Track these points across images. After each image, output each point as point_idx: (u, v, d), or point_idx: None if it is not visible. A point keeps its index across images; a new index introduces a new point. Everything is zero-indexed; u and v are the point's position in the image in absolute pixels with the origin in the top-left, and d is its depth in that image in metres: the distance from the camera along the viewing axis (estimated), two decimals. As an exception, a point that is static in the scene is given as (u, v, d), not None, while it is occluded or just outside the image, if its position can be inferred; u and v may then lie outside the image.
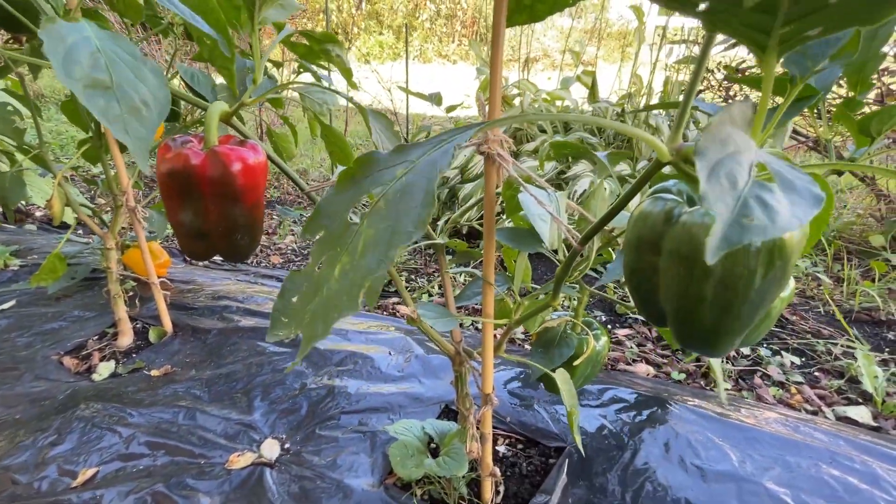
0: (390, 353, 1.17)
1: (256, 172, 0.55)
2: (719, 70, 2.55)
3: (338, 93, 0.77)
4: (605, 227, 0.64)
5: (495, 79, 0.56)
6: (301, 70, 1.28)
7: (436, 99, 1.95)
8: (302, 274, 0.33)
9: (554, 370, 0.70)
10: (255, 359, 1.16)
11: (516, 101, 2.37)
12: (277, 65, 1.39)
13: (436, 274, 2.02)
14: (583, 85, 2.24)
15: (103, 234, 1.25)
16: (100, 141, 1.18)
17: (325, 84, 1.26)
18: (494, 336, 0.69)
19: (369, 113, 0.59)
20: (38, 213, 2.48)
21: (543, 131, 2.27)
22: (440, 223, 2.23)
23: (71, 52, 0.37)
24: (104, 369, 1.15)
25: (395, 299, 1.76)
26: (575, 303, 0.76)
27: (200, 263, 2.16)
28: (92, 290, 1.60)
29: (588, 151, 0.68)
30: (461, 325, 1.54)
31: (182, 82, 0.93)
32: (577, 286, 0.77)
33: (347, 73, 0.80)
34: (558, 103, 2.52)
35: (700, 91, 2.34)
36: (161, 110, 0.42)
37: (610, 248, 0.71)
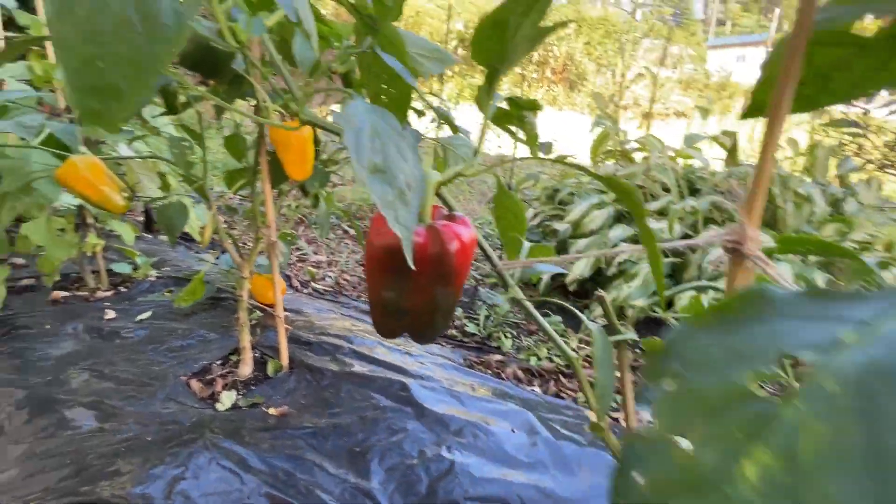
0: (513, 431, 1.06)
1: (469, 251, 0.49)
2: (880, 134, 2.24)
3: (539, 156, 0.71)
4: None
5: (765, 166, 0.46)
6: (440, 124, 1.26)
7: (547, 149, 1.85)
8: (646, 443, 0.24)
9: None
10: (370, 413, 1.11)
11: (637, 157, 2.23)
12: (419, 113, 1.41)
13: (539, 331, 1.89)
14: (720, 146, 2.06)
15: (241, 263, 1.29)
16: (254, 176, 1.24)
17: (465, 137, 1.23)
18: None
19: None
20: (171, 226, 2.73)
21: (667, 190, 2.11)
22: (544, 277, 2.12)
23: (359, 136, 0.34)
24: (226, 399, 1.16)
25: (497, 356, 1.66)
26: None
27: (304, 290, 2.22)
28: (215, 309, 1.69)
29: (852, 254, 0.55)
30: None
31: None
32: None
33: (533, 139, 0.75)
34: (681, 161, 2.35)
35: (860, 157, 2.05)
36: (420, 191, 0.38)
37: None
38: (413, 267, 0.32)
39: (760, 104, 0.47)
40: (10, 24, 1.64)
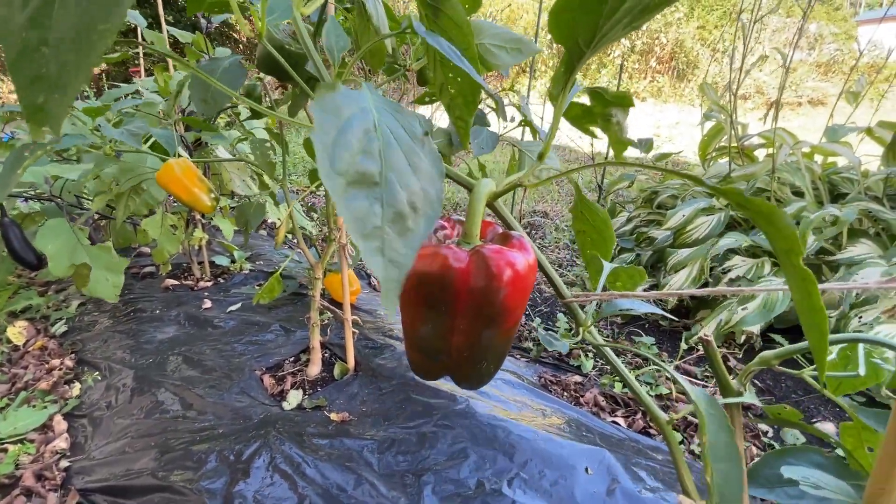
0: (588, 472, 0.92)
1: (526, 283, 0.39)
2: None
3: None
4: None
5: None
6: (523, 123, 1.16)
7: (646, 146, 1.61)
8: None
9: None
10: (429, 429, 1.04)
11: (759, 154, 1.89)
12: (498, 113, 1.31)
13: (627, 353, 1.68)
14: (875, 140, 1.66)
15: (314, 264, 1.31)
16: (328, 178, 1.24)
17: (538, 136, 1.10)
18: None
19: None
20: (268, 221, 2.96)
21: (799, 195, 1.75)
22: (639, 290, 1.88)
23: (343, 133, 0.26)
24: (293, 398, 1.18)
25: (576, 378, 1.50)
26: None
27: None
28: (295, 304, 1.75)
29: None
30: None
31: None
32: None
33: (621, 145, 0.61)
34: (819, 159, 1.94)
35: None
36: (430, 216, 0.28)
37: None
38: (389, 315, 0.23)
39: None
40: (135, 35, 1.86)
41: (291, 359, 1.36)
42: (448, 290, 0.37)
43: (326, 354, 1.38)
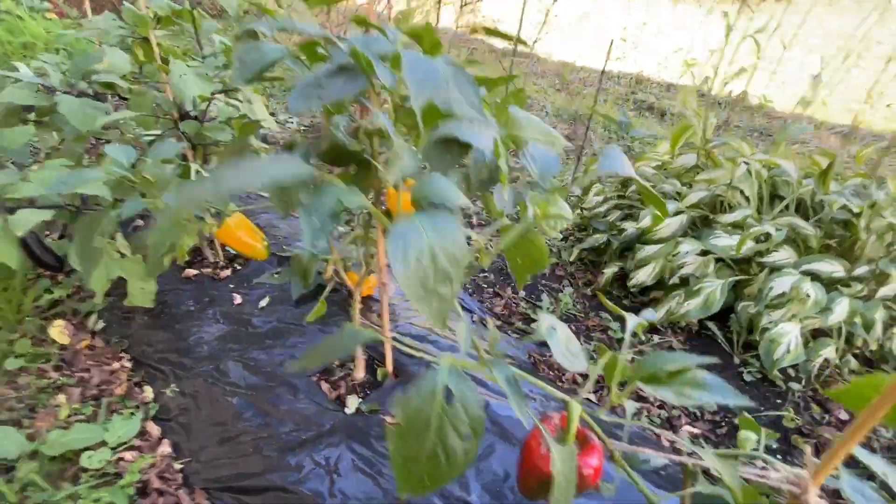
0: (577, 459, 1.35)
1: (598, 471, 0.69)
2: None
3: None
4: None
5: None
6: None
7: (625, 128, 1.88)
8: None
9: None
10: (463, 428, 1.41)
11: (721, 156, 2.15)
12: None
13: (595, 329, 2.11)
14: (813, 164, 1.96)
15: (353, 289, 1.52)
16: (366, 233, 1.40)
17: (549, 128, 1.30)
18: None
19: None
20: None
21: (747, 199, 2.09)
22: (606, 272, 2.26)
23: (413, 265, 0.53)
24: (351, 402, 1.49)
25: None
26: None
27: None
28: (319, 298, 1.97)
29: None
30: None
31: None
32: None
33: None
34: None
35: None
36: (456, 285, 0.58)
37: None
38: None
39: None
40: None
41: (338, 363, 1.65)
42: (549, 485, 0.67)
43: (366, 358, 1.67)
